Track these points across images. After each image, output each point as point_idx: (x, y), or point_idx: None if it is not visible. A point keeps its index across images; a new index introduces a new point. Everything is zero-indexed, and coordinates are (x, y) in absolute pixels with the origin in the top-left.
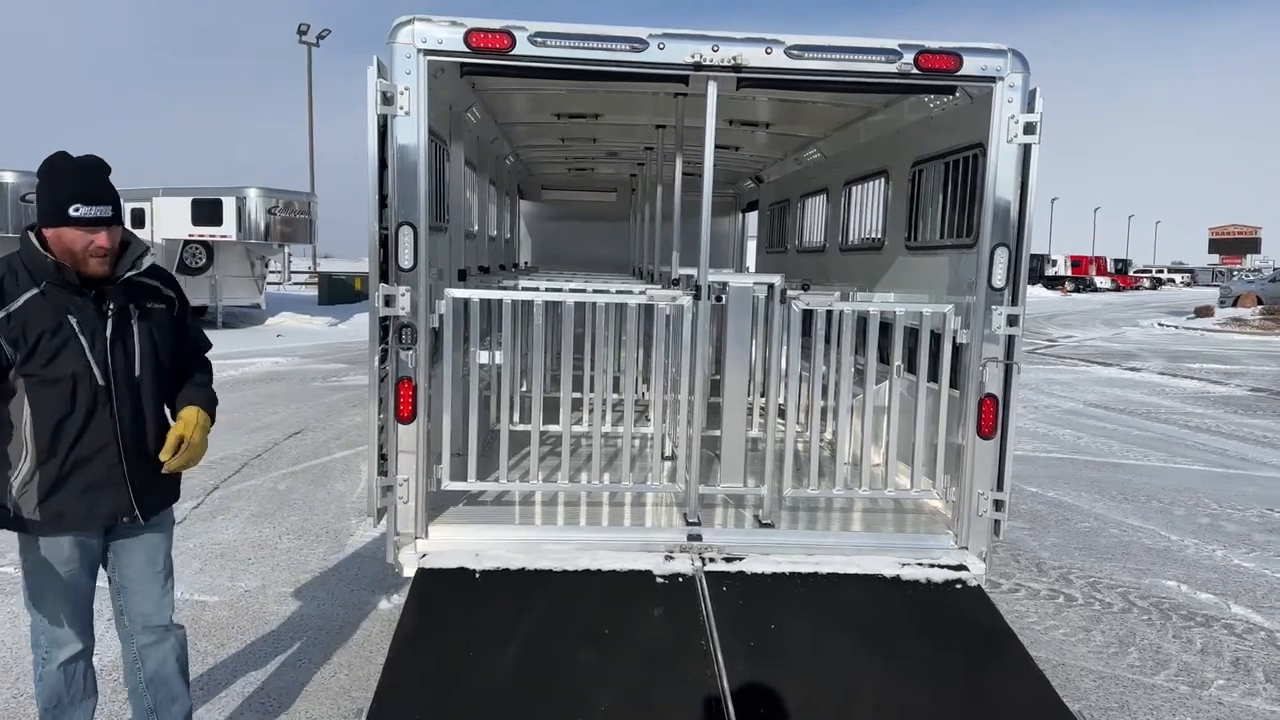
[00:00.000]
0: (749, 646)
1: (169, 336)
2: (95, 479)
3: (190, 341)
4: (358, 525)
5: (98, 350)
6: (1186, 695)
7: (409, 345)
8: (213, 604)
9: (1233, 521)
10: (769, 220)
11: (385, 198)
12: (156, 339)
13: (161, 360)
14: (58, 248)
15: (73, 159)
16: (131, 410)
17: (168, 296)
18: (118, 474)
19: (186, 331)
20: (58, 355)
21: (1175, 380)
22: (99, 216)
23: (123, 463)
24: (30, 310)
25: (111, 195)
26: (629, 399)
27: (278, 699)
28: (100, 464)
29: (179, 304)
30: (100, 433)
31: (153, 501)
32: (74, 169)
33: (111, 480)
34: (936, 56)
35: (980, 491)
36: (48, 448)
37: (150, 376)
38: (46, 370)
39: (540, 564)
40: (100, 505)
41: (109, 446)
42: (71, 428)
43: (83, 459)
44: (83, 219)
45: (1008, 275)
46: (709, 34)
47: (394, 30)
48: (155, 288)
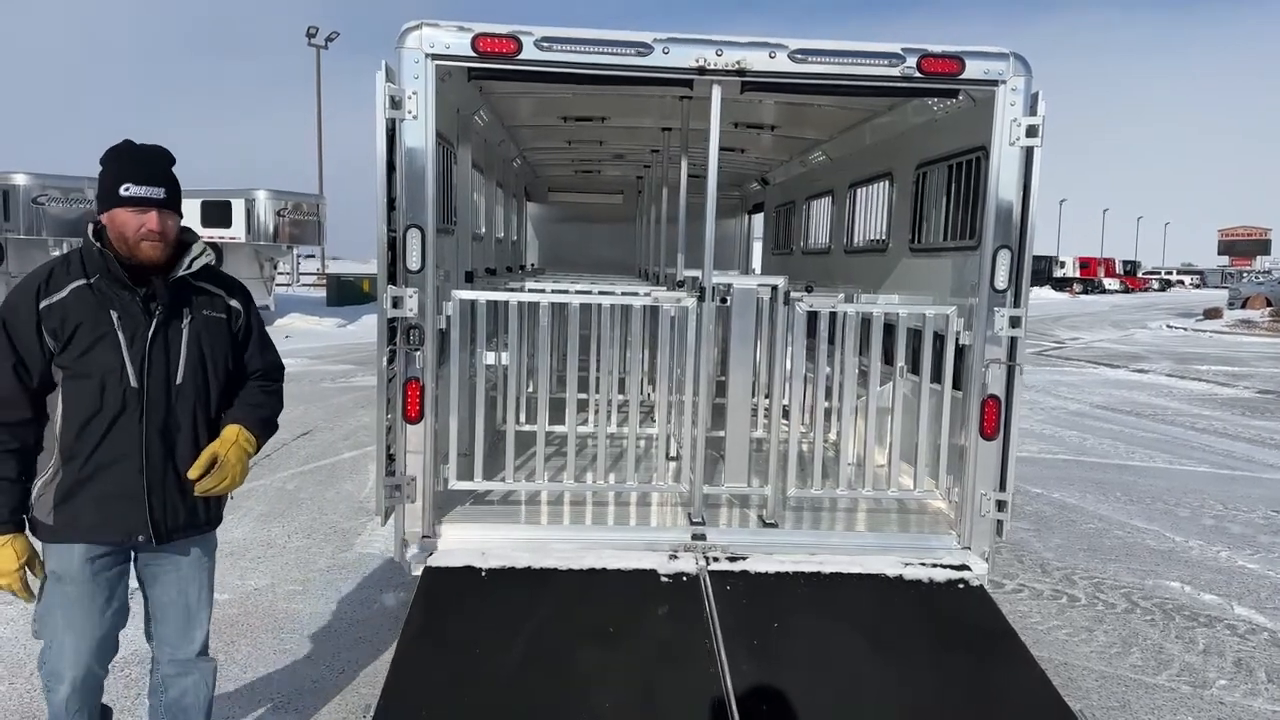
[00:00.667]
0: (752, 645)
1: (224, 349)
2: (113, 488)
3: (252, 360)
4: (366, 525)
5: (135, 349)
6: (1188, 695)
7: (416, 346)
8: (223, 601)
9: (1238, 523)
10: (775, 222)
11: (393, 200)
12: (206, 348)
13: (210, 373)
14: (113, 234)
15: (135, 144)
16: (163, 419)
17: (231, 307)
18: (136, 486)
19: (248, 348)
20: (92, 349)
21: (1183, 382)
22: (149, 197)
23: (144, 474)
24: (73, 300)
25: (166, 179)
26: (634, 400)
27: (287, 695)
28: (121, 472)
29: (244, 316)
30: (125, 438)
31: (172, 524)
32: (132, 152)
33: (129, 491)
34: (939, 60)
35: (983, 492)
36: (71, 446)
37: (192, 387)
38: (80, 364)
39: (546, 563)
40: (115, 518)
41: (132, 454)
42: (97, 428)
43: (104, 464)
44: (133, 198)
45: (1010, 277)
46: (713, 38)
47: (402, 35)
48: (218, 295)
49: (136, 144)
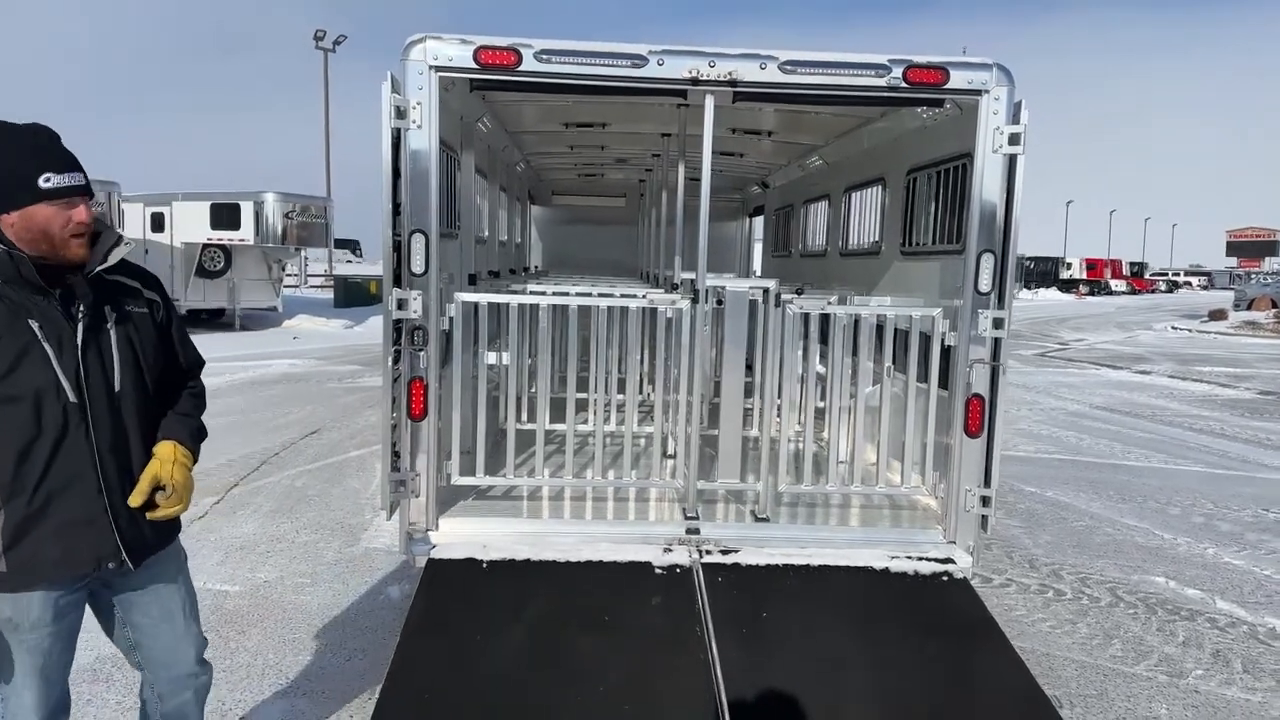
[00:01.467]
0: (742, 633)
1: (152, 346)
2: (72, 516)
3: (178, 356)
4: (371, 520)
5: (66, 360)
6: (1165, 684)
7: (421, 346)
8: (233, 593)
9: (1227, 521)
10: (774, 225)
11: (399, 206)
12: (137, 348)
13: (146, 375)
14: (29, 234)
15: (17, 124)
16: (112, 431)
17: (150, 299)
18: (98, 508)
19: (173, 343)
20: (17, 367)
21: (1184, 383)
22: (75, 185)
23: (104, 494)
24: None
25: (78, 162)
26: (631, 399)
27: (295, 681)
28: (77, 497)
29: (164, 309)
30: (75, 459)
31: (143, 542)
32: (28, 134)
33: (92, 517)
34: (924, 71)
35: (968, 488)
36: (11, 481)
37: (132, 391)
38: (4, 385)
39: (545, 555)
40: (79, 549)
41: (86, 476)
42: (39, 455)
43: (56, 491)
44: (58, 190)
45: (993, 280)
46: (705, 50)
47: (407, 48)
48: (134, 289)
49: (17, 123)
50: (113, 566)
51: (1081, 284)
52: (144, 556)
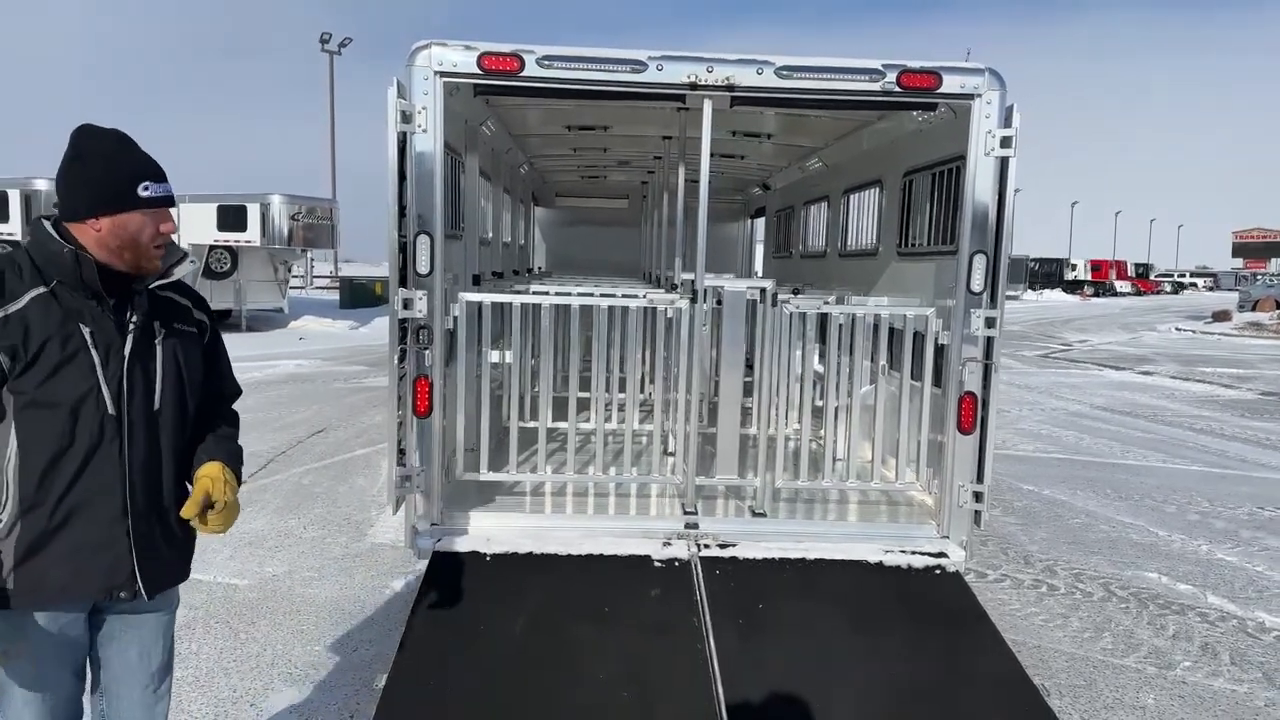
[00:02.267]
0: (738, 624)
1: (196, 368)
2: (88, 537)
3: (219, 381)
4: (378, 516)
5: (111, 370)
6: (1153, 675)
7: (425, 345)
8: (243, 587)
9: (1222, 519)
10: (775, 226)
11: (404, 208)
12: (182, 367)
13: (186, 396)
14: (112, 241)
15: (116, 131)
16: (146, 450)
17: (199, 321)
18: (119, 532)
19: (216, 366)
20: (60, 370)
21: (1186, 384)
22: (168, 195)
23: (128, 517)
24: (34, 312)
25: (165, 172)
26: (631, 397)
27: (303, 671)
28: (98, 517)
29: (210, 332)
30: (103, 476)
31: (159, 574)
32: (128, 142)
33: (110, 541)
34: (917, 75)
35: (961, 484)
36: (35, 491)
37: (172, 413)
38: (44, 389)
39: (546, 549)
40: (90, 574)
41: (111, 495)
42: (68, 466)
43: (77, 508)
44: (154, 199)
45: (985, 280)
46: (704, 56)
47: (412, 54)
48: (185, 307)
49: (108, 129)
50: (124, 596)
51: (1086, 285)
52: (158, 588)
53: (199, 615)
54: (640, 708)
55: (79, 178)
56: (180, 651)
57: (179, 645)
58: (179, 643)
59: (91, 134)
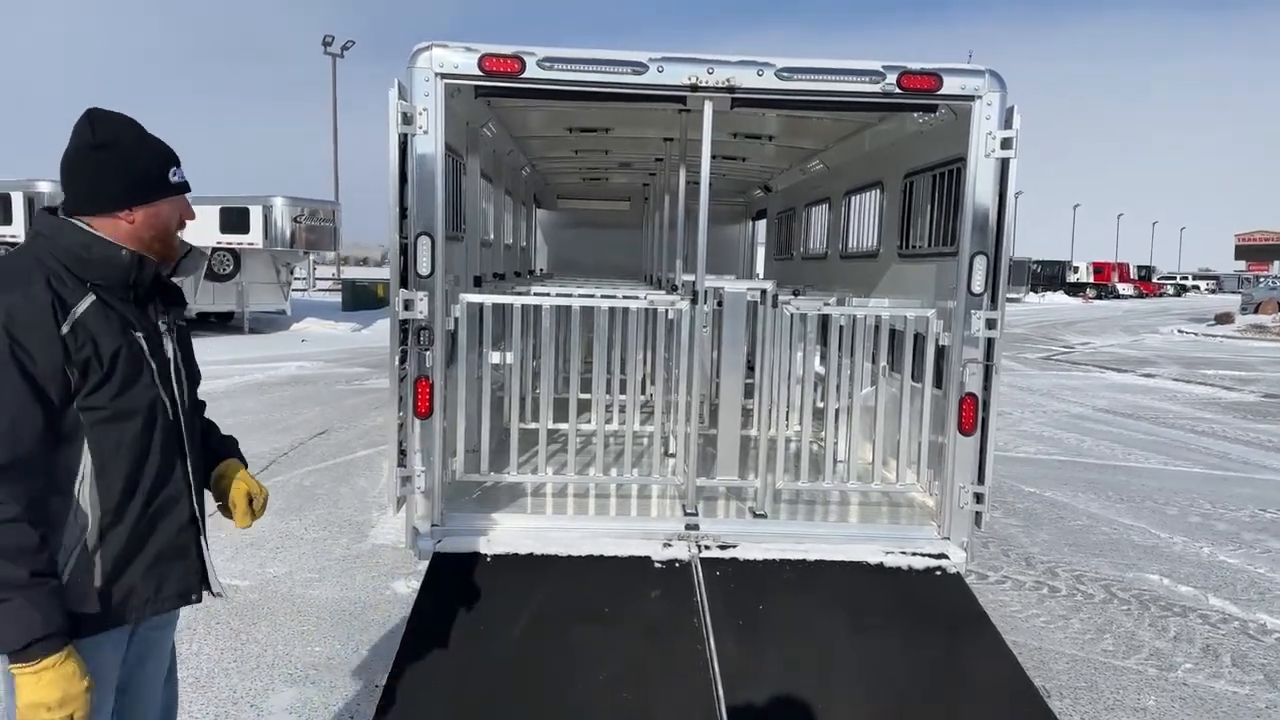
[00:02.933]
0: (738, 625)
1: (193, 360)
2: (166, 545)
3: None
4: (379, 518)
5: (164, 375)
6: (1154, 677)
7: (426, 346)
8: (244, 587)
9: (1224, 521)
10: (776, 228)
11: (405, 209)
12: (191, 361)
13: (197, 391)
14: (147, 233)
15: (129, 116)
16: (194, 453)
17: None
18: (189, 537)
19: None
20: (134, 381)
21: (1188, 386)
22: (187, 181)
23: (197, 521)
24: (94, 321)
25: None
26: (632, 398)
27: (304, 671)
28: (172, 525)
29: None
30: (175, 483)
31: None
32: (139, 127)
33: (184, 547)
34: (917, 77)
35: (961, 485)
36: (116, 507)
37: (196, 410)
38: (120, 401)
39: (547, 550)
40: (169, 583)
41: (182, 501)
42: (148, 477)
43: (156, 519)
44: (182, 185)
45: (986, 281)
46: (704, 58)
47: (413, 56)
48: (179, 299)
49: (118, 114)
50: (195, 600)
51: (1089, 288)
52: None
53: (200, 616)
54: (640, 709)
55: (108, 166)
56: (181, 652)
57: (180, 646)
58: (180, 644)
59: (110, 120)
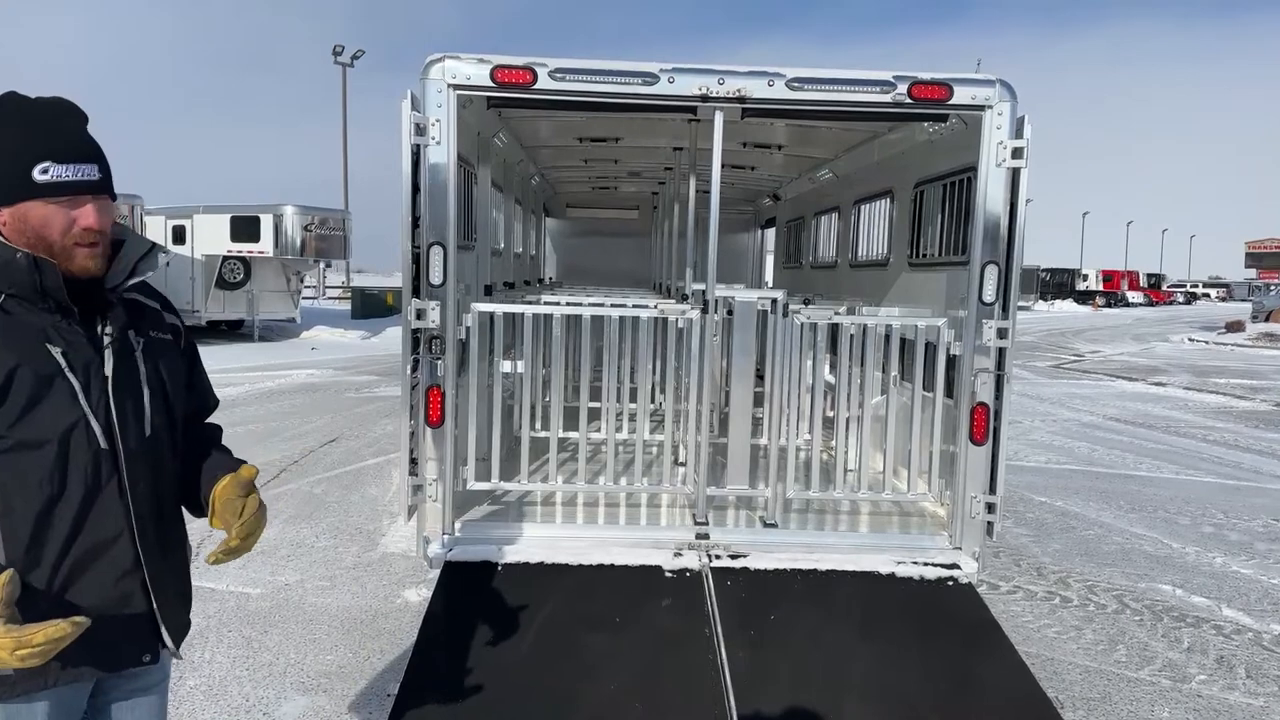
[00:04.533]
0: (749, 635)
1: (179, 380)
2: (101, 596)
3: (203, 393)
4: (389, 526)
5: (96, 395)
6: (1168, 689)
7: (438, 355)
8: (255, 595)
9: (1237, 531)
10: (785, 236)
11: (417, 219)
12: (166, 381)
13: (175, 414)
14: (20, 237)
15: (30, 99)
16: (148, 485)
17: (171, 324)
18: (134, 584)
19: (197, 377)
20: (37, 405)
21: (1199, 395)
22: (83, 180)
23: (142, 566)
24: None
25: (97, 150)
26: (642, 407)
27: (316, 680)
28: (108, 571)
29: (185, 335)
30: (107, 522)
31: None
32: (35, 113)
33: (124, 598)
34: (928, 87)
35: (973, 495)
36: (26, 553)
37: (166, 434)
38: (20, 429)
39: (558, 558)
40: (111, 641)
41: (120, 544)
42: (64, 517)
43: (82, 565)
44: (57, 185)
45: (997, 291)
46: (715, 68)
47: (426, 67)
48: (156, 310)
49: (32, 98)
50: (148, 660)
51: (1098, 295)
52: (182, 639)
53: (212, 624)
54: (652, 718)
55: None
56: (193, 660)
57: (192, 654)
58: (192, 651)
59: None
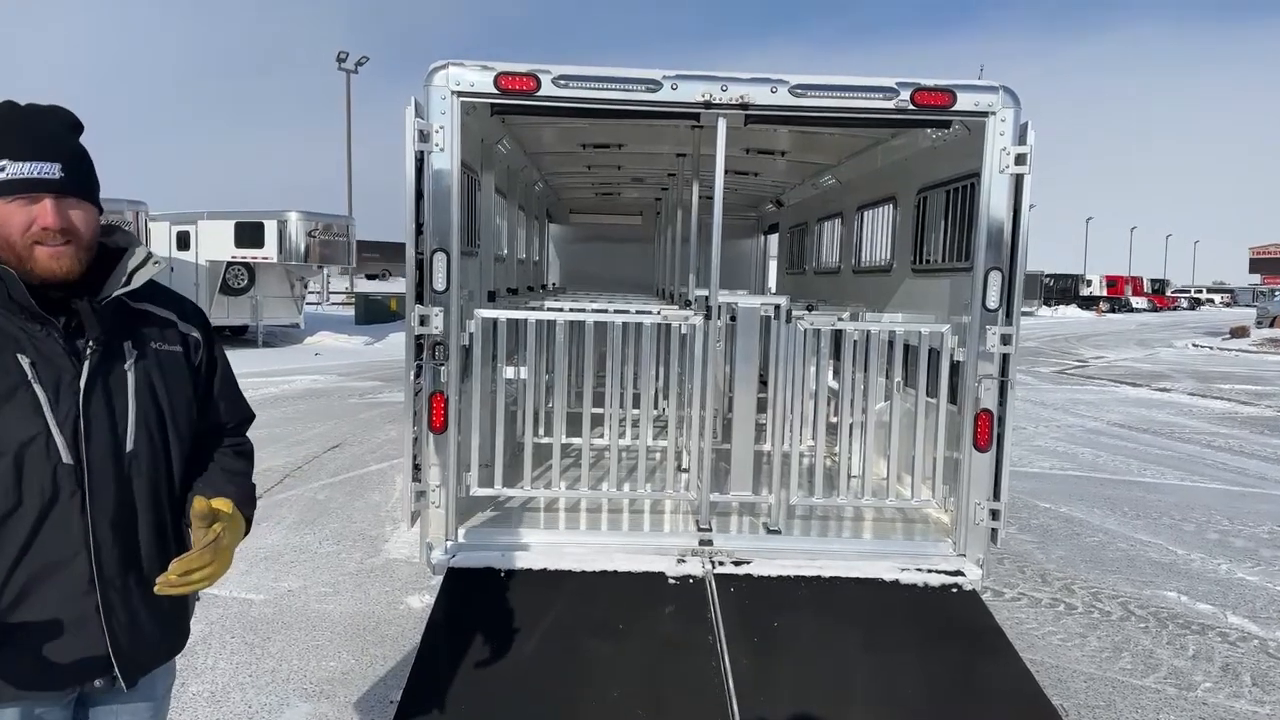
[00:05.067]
0: (753, 642)
1: (182, 395)
2: (50, 617)
3: (223, 409)
4: (392, 532)
5: (64, 408)
6: (1173, 696)
7: (441, 361)
8: (258, 602)
9: (1242, 538)
10: (788, 242)
11: (421, 225)
12: (160, 396)
13: (171, 430)
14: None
15: (20, 106)
16: (115, 504)
17: (185, 335)
18: (87, 606)
19: (212, 392)
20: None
21: (1204, 401)
22: (38, 177)
23: (96, 588)
24: None
25: (63, 150)
26: (645, 413)
27: (319, 686)
28: (60, 591)
29: (204, 348)
30: (63, 540)
31: (141, 654)
32: (9, 118)
33: (77, 619)
34: (931, 94)
35: (977, 501)
36: None
37: (149, 454)
38: None
39: (561, 565)
40: (59, 662)
41: (76, 562)
42: (16, 532)
43: (33, 582)
44: (14, 182)
45: (1001, 297)
46: (718, 75)
47: (430, 74)
48: (167, 320)
49: (21, 105)
50: (99, 684)
51: (1102, 301)
52: (141, 672)
53: (215, 630)
54: None
55: None
56: (196, 666)
57: (195, 660)
58: (195, 657)
59: None
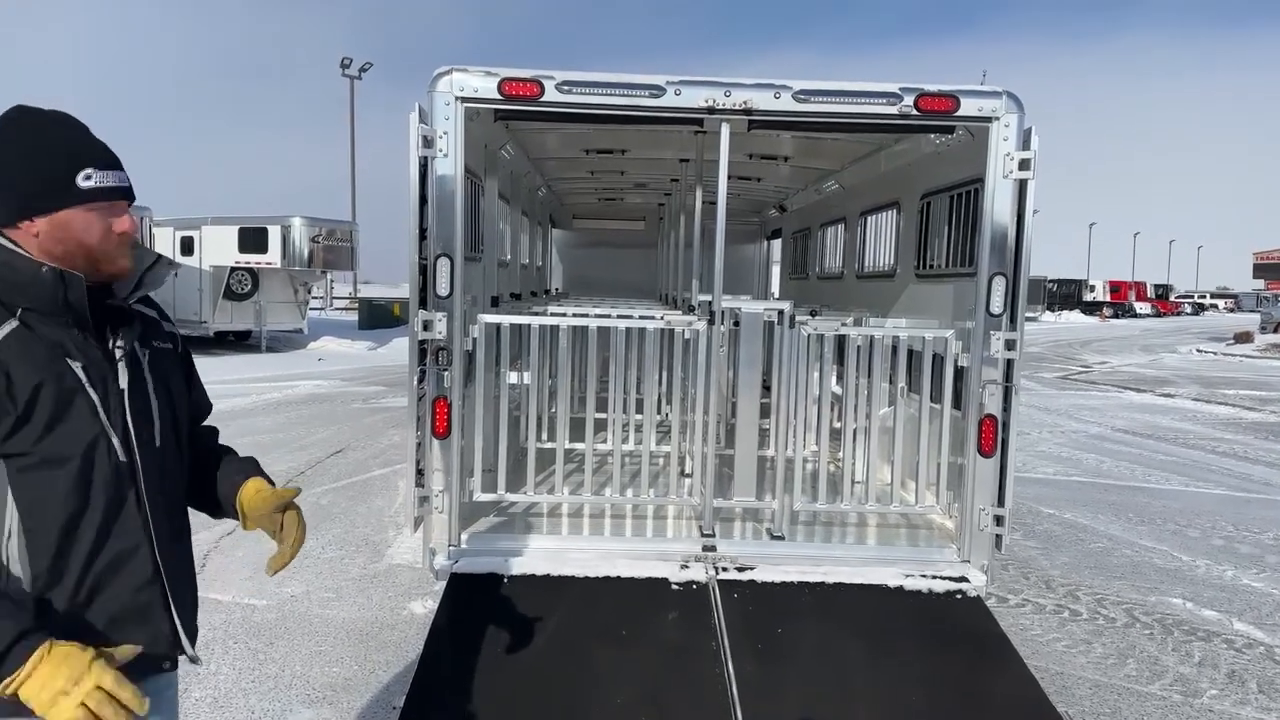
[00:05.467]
0: (757, 649)
1: (183, 391)
2: (121, 608)
3: (202, 401)
4: (395, 537)
5: (113, 409)
6: (1179, 703)
7: (445, 366)
8: (261, 607)
9: (1247, 544)
10: (792, 247)
11: (425, 231)
12: (172, 392)
13: (179, 424)
14: (56, 247)
15: (43, 110)
16: (163, 497)
17: (170, 333)
18: (155, 594)
19: (195, 383)
20: (61, 420)
21: (1208, 406)
22: (119, 186)
23: (161, 577)
24: (11, 353)
25: (119, 159)
26: (649, 418)
27: (321, 692)
28: (128, 584)
29: (182, 343)
30: (127, 535)
31: (194, 629)
32: (65, 121)
33: (145, 608)
34: (935, 99)
35: (981, 507)
36: (50, 568)
37: (173, 446)
38: (44, 445)
39: (564, 570)
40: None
41: (140, 555)
42: (88, 531)
43: (104, 578)
44: (100, 190)
45: (1005, 302)
46: (721, 80)
47: (434, 80)
48: (156, 321)
49: (47, 110)
50: (167, 668)
51: (1105, 306)
52: (195, 643)
53: (218, 635)
54: None
55: (17, 172)
56: (198, 672)
57: (197, 666)
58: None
59: (17, 115)
